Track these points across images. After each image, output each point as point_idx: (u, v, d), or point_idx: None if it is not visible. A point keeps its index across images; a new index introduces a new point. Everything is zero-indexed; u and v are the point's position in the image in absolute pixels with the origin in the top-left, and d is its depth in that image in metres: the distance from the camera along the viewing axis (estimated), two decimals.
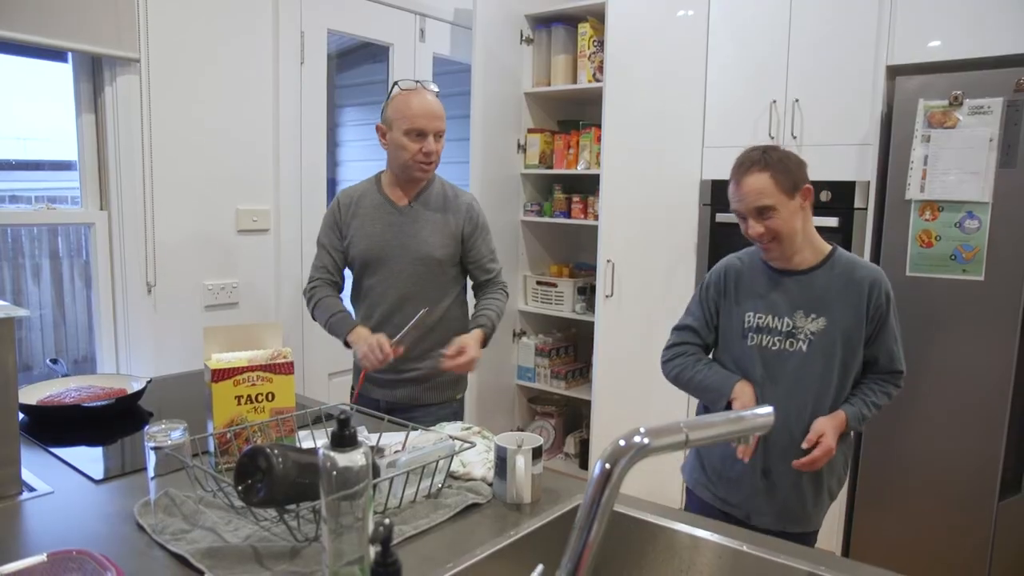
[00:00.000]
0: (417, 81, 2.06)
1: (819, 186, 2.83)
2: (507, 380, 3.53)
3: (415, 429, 1.42)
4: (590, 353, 3.54)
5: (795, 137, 2.88)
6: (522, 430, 3.60)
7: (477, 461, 1.37)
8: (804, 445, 1.65)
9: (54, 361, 2.02)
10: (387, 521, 0.72)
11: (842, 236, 2.81)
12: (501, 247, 3.36)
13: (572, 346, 3.61)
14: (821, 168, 2.84)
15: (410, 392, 2.08)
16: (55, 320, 4.12)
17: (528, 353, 3.50)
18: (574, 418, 3.70)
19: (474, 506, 1.26)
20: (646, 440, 0.79)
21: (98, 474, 1.39)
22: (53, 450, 1.51)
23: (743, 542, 1.18)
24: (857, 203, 2.77)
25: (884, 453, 2.67)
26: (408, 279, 2.04)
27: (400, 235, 2.03)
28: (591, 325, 3.38)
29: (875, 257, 2.68)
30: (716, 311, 1.86)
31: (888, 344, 1.72)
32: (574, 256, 3.76)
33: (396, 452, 1.26)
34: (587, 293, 3.42)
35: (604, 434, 3.02)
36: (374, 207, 2.07)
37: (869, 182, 2.68)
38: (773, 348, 1.73)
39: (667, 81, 3.02)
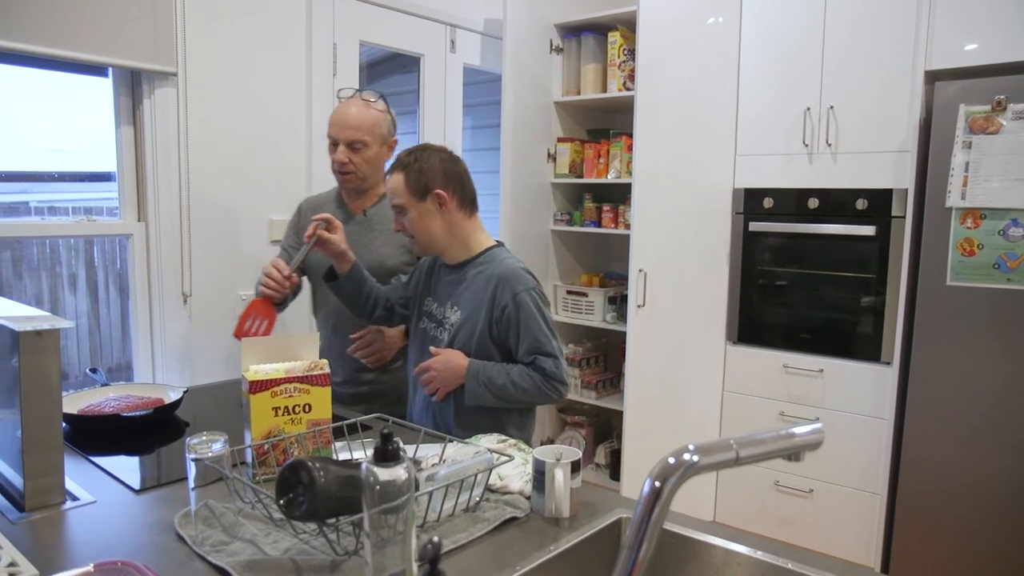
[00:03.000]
0: (357, 90, 2.07)
1: (855, 194, 2.80)
2: None
3: (451, 441, 1.41)
4: (620, 363, 3.52)
5: (830, 144, 2.85)
6: (552, 440, 3.58)
7: (514, 474, 1.36)
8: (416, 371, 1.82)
9: (93, 371, 2.05)
10: (436, 539, 0.71)
11: (879, 245, 2.77)
12: (531, 257, 3.38)
13: (602, 356, 3.58)
14: (857, 176, 2.81)
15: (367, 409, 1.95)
16: (91, 329, 4.19)
17: None
18: (605, 428, 3.67)
19: (512, 520, 1.25)
20: (696, 458, 0.77)
21: (138, 484, 1.40)
22: (93, 459, 1.52)
23: (787, 560, 1.15)
24: (895, 211, 2.72)
25: (924, 467, 2.61)
26: None
27: (353, 245, 1.96)
28: (621, 335, 3.36)
29: (914, 266, 2.62)
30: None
31: (526, 339, 1.74)
32: (604, 265, 3.74)
33: (434, 465, 1.25)
34: (618, 303, 3.39)
35: (636, 445, 2.99)
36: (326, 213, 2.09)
37: (907, 190, 2.64)
38: (430, 334, 1.88)
39: (699, 88, 3.00)
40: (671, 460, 0.77)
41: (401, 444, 1.24)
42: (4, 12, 1.97)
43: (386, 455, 0.86)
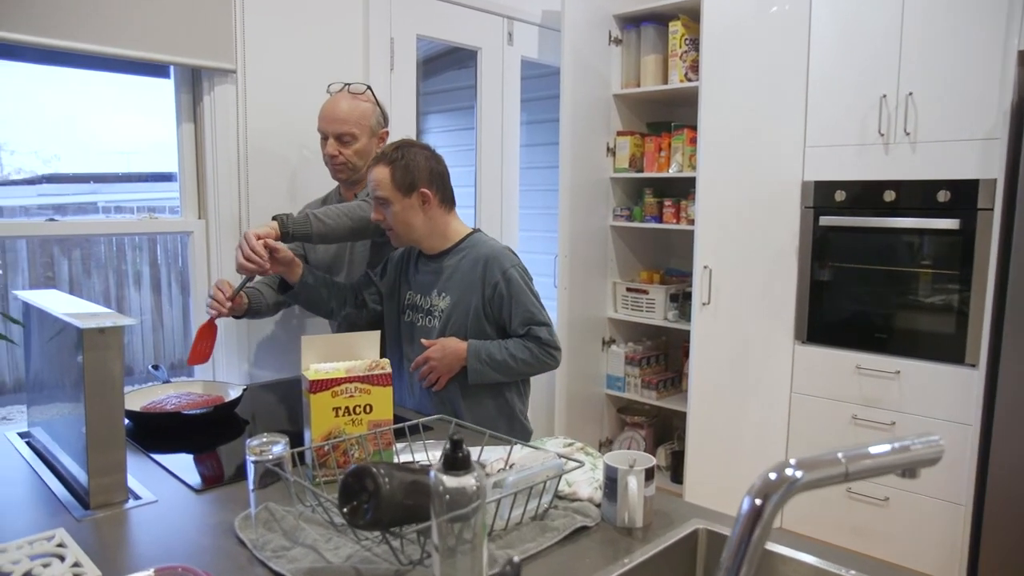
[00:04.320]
0: (346, 84, 2.12)
1: (936, 186, 2.65)
2: (596, 389, 3.43)
3: (517, 444, 1.35)
4: (681, 362, 3.42)
5: (908, 133, 2.69)
6: (611, 441, 3.50)
7: (583, 480, 1.29)
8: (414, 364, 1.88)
9: (155, 367, 2.06)
10: (516, 559, 0.65)
11: (963, 239, 2.61)
12: (589, 254, 3.30)
13: (663, 355, 3.48)
14: (938, 166, 2.65)
15: None
16: (154, 324, 4.28)
17: (618, 362, 3.40)
18: (665, 429, 3.57)
19: (582, 529, 1.18)
20: (799, 474, 0.69)
21: (199, 483, 1.38)
22: (154, 456, 1.51)
23: (859, 572, 1.06)
24: (981, 203, 2.55)
25: (1016, 477, 2.44)
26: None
27: None
28: (682, 333, 3.27)
29: (1003, 261, 2.46)
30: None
31: (519, 312, 1.83)
32: (664, 262, 3.63)
33: (500, 471, 1.19)
34: (679, 300, 3.29)
35: (700, 448, 2.89)
36: None
37: (996, 180, 2.47)
38: (418, 324, 1.94)
39: (766, 77, 2.88)
40: (772, 476, 0.69)
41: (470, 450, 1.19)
42: (74, 16, 1.99)
43: (456, 463, 0.81)
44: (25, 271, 3.95)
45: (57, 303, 1.44)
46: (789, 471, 0.69)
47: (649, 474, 1.20)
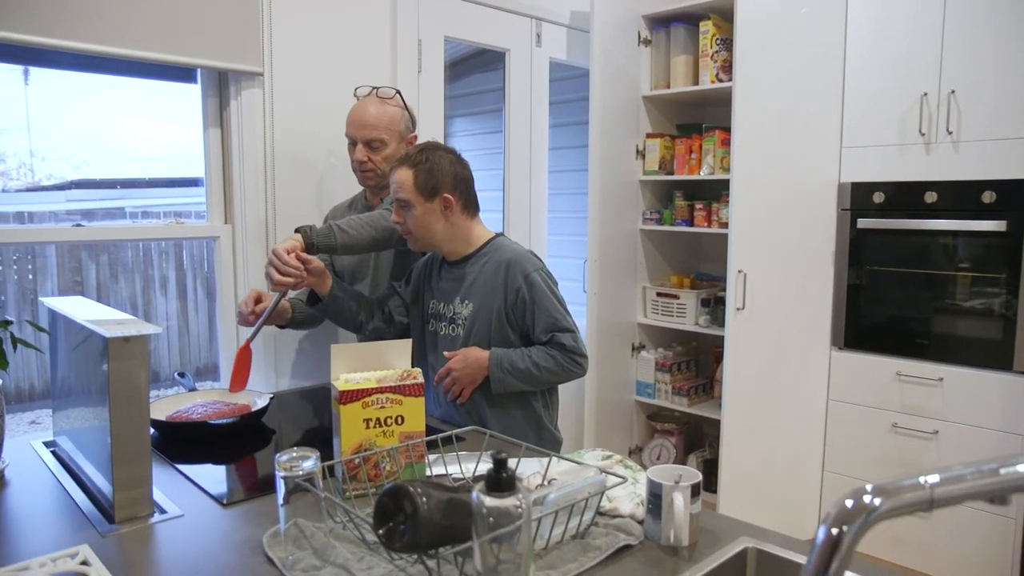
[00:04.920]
0: (375, 88, 2.08)
1: (981, 186, 2.56)
2: (625, 396, 3.36)
3: (554, 456, 1.30)
4: (713, 368, 3.34)
5: (951, 132, 2.60)
6: (641, 448, 3.43)
7: (624, 495, 1.23)
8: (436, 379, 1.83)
9: (181, 375, 2.03)
10: None
11: (1011, 242, 2.51)
12: (619, 257, 3.24)
13: (693, 360, 3.41)
14: (983, 166, 2.56)
15: None
16: (179, 330, 4.29)
17: (647, 368, 3.33)
18: (696, 436, 3.49)
19: (625, 548, 1.13)
20: (877, 501, 0.63)
21: (226, 496, 1.34)
22: (180, 467, 1.48)
23: None
24: None
25: None
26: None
27: None
28: (713, 338, 3.19)
29: None
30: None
31: (542, 318, 1.77)
32: (694, 266, 3.56)
33: (539, 486, 1.14)
34: (711, 305, 3.21)
35: (734, 456, 2.81)
36: (354, 213, 2.12)
37: None
38: (441, 333, 1.89)
39: (801, 77, 2.80)
40: (848, 503, 0.63)
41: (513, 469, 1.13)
42: (102, 20, 1.97)
43: (500, 484, 0.75)
44: (54, 276, 3.97)
45: (82, 310, 1.42)
46: (867, 498, 0.63)
47: (695, 490, 1.14)
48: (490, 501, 0.77)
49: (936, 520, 2.71)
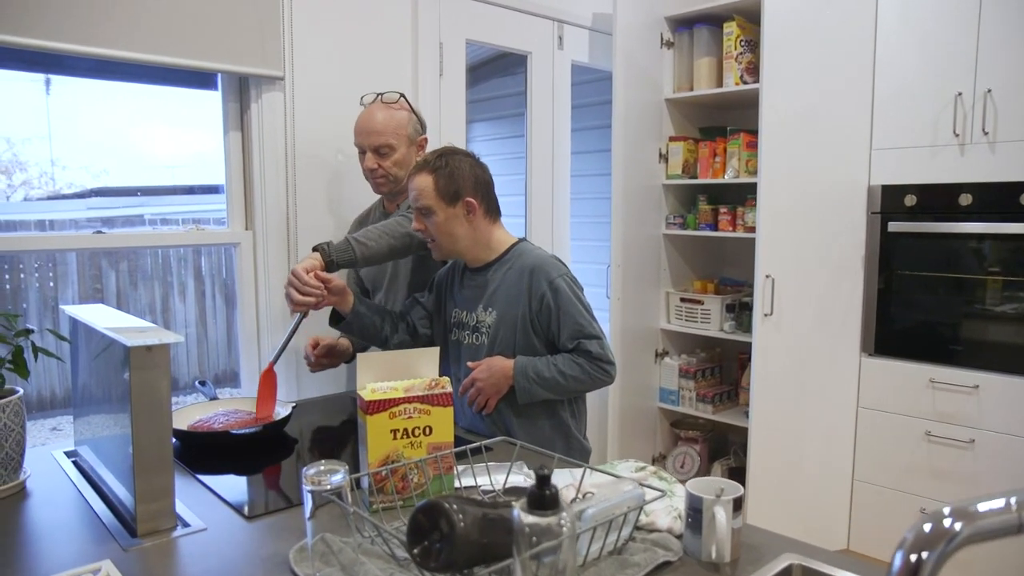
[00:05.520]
0: (379, 95, 2.05)
1: (1018, 188, 2.49)
2: (649, 403, 3.31)
3: (588, 468, 1.25)
4: (738, 374, 3.28)
5: (987, 133, 2.53)
6: (664, 456, 3.37)
7: (660, 509, 1.19)
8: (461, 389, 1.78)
9: (202, 383, 2.00)
10: None
11: None
12: (642, 262, 3.19)
13: (718, 367, 3.35)
14: (1021, 168, 2.48)
15: None
16: (198, 337, 4.28)
17: (671, 374, 3.27)
18: (721, 444, 3.43)
19: (664, 564, 1.08)
20: (958, 526, 0.58)
21: (249, 509, 1.30)
22: (202, 478, 1.45)
23: None
24: None
25: None
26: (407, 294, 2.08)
27: None
28: (739, 344, 3.13)
29: None
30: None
31: (567, 324, 1.72)
32: (718, 271, 3.50)
33: (574, 500, 1.09)
34: (735, 310, 3.15)
35: (762, 465, 2.75)
36: (372, 222, 2.11)
37: None
38: (464, 342, 1.84)
39: (829, 77, 2.74)
40: (927, 528, 0.58)
41: (519, 466, 1.09)
42: (123, 26, 1.96)
43: (543, 501, 0.71)
44: (75, 284, 3.98)
45: (103, 318, 1.39)
46: (947, 522, 0.58)
47: (737, 504, 1.09)
48: (531, 519, 0.73)
49: None
